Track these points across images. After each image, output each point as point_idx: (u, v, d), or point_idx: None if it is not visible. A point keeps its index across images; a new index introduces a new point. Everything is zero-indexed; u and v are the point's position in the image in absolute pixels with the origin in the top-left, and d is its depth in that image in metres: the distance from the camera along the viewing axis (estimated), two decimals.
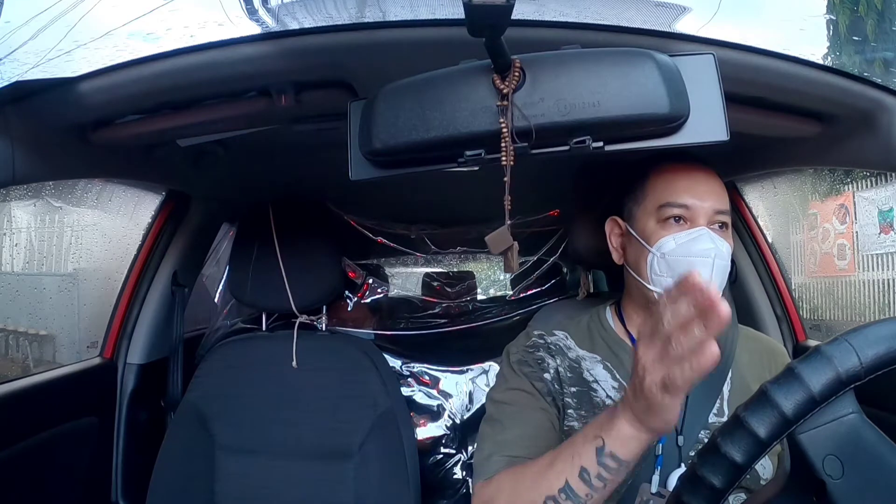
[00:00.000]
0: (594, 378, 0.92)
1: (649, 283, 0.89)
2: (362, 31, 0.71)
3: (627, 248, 0.95)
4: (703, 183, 0.89)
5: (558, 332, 0.99)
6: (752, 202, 1.46)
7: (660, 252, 0.87)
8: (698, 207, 0.87)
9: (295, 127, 0.94)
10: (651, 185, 0.91)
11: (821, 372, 0.49)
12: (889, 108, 0.81)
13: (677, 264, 0.85)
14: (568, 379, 0.93)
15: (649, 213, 0.90)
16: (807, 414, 0.49)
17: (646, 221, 0.90)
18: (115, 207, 1.56)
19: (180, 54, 0.73)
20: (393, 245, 1.82)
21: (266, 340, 1.41)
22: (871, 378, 0.49)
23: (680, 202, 0.87)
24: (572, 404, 0.90)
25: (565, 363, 0.94)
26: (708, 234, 0.85)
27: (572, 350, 0.96)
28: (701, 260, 0.84)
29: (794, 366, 0.50)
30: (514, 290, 2.12)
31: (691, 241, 0.85)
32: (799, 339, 1.44)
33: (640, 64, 0.59)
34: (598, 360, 0.94)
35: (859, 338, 0.50)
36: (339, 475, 1.26)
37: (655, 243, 0.88)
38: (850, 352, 0.49)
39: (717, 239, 0.85)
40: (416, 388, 1.70)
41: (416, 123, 0.61)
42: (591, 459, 0.68)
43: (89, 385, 1.35)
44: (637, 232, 0.91)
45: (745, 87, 0.78)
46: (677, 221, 0.87)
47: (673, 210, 0.87)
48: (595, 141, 0.61)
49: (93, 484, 1.33)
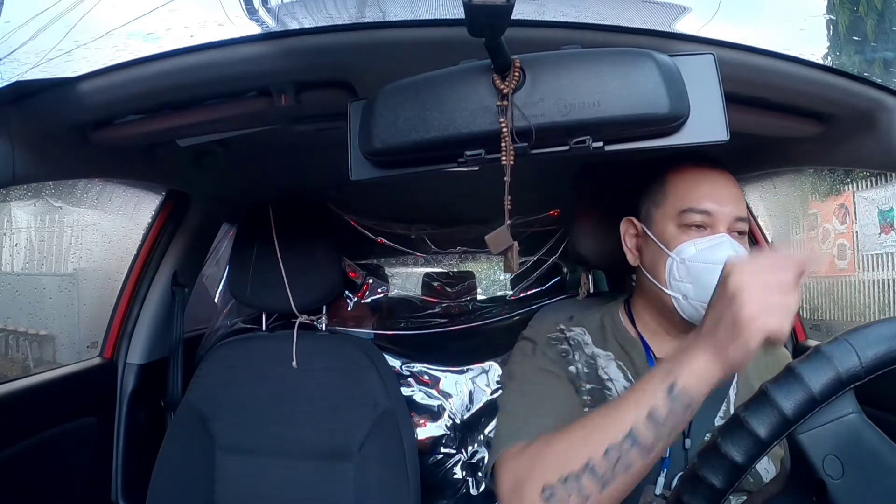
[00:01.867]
0: (608, 376, 0.91)
1: (667, 287, 0.88)
2: (362, 31, 0.71)
3: (644, 250, 0.94)
4: (724, 188, 0.88)
5: (576, 328, 0.98)
6: (753, 202, 1.46)
7: (679, 257, 0.86)
8: (719, 213, 0.86)
9: (295, 127, 0.94)
10: (671, 188, 0.90)
11: (821, 372, 0.49)
12: (889, 108, 0.81)
13: (697, 270, 0.84)
14: (585, 375, 0.92)
15: (669, 217, 0.89)
16: (807, 414, 0.49)
17: (665, 225, 0.89)
18: (114, 207, 1.56)
19: (180, 54, 0.73)
20: (393, 245, 1.82)
21: (266, 340, 1.41)
22: (870, 378, 0.49)
23: (702, 208, 0.86)
24: (588, 402, 0.89)
25: (583, 359, 0.93)
26: (729, 241, 0.84)
27: (588, 346, 0.95)
28: (720, 268, 0.83)
29: (794, 366, 0.50)
30: (514, 290, 2.12)
31: (712, 247, 0.84)
32: (799, 339, 1.44)
33: (640, 64, 0.59)
34: (611, 359, 0.93)
35: (859, 338, 0.50)
36: (339, 475, 1.25)
37: (675, 248, 0.86)
38: (850, 352, 0.49)
39: (738, 246, 0.84)
40: (416, 387, 1.70)
41: (416, 123, 0.61)
42: (662, 398, 0.65)
43: (89, 385, 1.35)
44: (656, 235, 0.90)
45: (745, 87, 0.78)
46: (698, 228, 0.86)
47: (695, 217, 0.86)
48: (595, 141, 0.61)
49: (93, 484, 1.33)
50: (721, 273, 0.65)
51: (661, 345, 0.93)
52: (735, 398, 0.90)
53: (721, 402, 0.89)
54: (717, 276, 0.77)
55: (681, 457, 0.85)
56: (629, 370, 0.92)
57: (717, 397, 0.88)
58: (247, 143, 1.06)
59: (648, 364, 0.91)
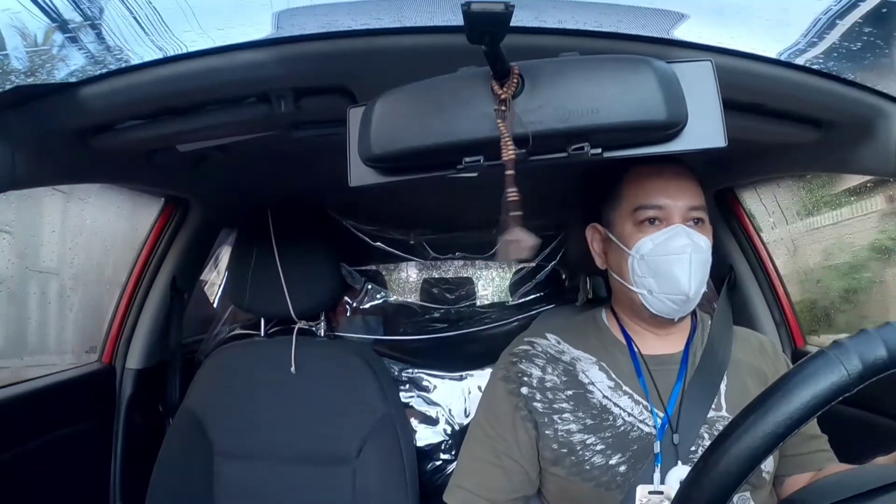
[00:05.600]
0: (590, 380, 0.93)
1: (632, 286, 0.91)
2: (362, 38, 0.71)
3: (609, 254, 0.97)
4: (675, 182, 0.91)
5: (550, 337, 1.00)
6: (755, 204, 1.46)
7: (639, 254, 0.89)
8: (672, 207, 0.89)
9: (294, 133, 0.94)
10: (625, 189, 0.93)
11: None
12: (887, 113, 0.82)
13: (656, 264, 0.88)
14: (563, 384, 0.94)
15: (625, 217, 0.92)
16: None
17: (623, 225, 0.92)
18: (114, 212, 1.56)
19: (180, 60, 0.73)
20: (392, 250, 1.82)
21: (265, 346, 1.41)
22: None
23: (653, 203, 0.90)
24: (569, 408, 0.91)
25: (558, 369, 0.95)
26: (683, 230, 0.88)
27: (566, 353, 0.97)
28: (677, 257, 0.87)
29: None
30: (513, 296, 2.12)
31: (667, 239, 0.88)
32: (798, 345, 1.44)
33: (638, 71, 0.59)
34: (593, 362, 0.95)
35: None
36: (337, 481, 1.25)
37: (634, 245, 0.90)
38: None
39: (693, 234, 0.88)
40: (414, 393, 1.69)
41: (416, 130, 0.61)
42: None
43: (88, 390, 1.35)
44: (616, 236, 0.94)
45: (742, 93, 0.78)
46: (653, 223, 0.90)
47: (648, 212, 0.90)
48: (593, 147, 0.61)
49: (91, 488, 1.32)
50: None
51: (644, 342, 0.96)
52: (725, 390, 0.92)
53: (713, 395, 0.91)
54: (676, 267, 0.84)
55: (671, 452, 0.86)
56: (613, 370, 0.94)
57: (709, 391, 0.91)
58: (246, 148, 1.06)
59: (633, 362, 0.94)
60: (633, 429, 0.89)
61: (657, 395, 0.91)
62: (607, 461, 0.87)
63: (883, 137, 0.83)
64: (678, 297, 0.87)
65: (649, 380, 0.92)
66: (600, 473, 0.87)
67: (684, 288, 0.86)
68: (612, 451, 0.88)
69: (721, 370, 0.93)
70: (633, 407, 0.90)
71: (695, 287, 0.86)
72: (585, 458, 0.88)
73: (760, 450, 0.47)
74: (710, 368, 0.93)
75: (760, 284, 1.45)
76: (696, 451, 0.87)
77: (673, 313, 0.90)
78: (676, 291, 0.87)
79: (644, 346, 0.96)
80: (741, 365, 0.95)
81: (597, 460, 0.87)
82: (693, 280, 0.86)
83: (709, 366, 0.93)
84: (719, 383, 0.92)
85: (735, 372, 0.94)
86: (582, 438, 0.89)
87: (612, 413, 0.90)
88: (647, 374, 0.93)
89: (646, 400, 0.90)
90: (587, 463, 0.87)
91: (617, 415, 0.90)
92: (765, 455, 0.47)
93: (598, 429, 0.89)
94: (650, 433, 0.88)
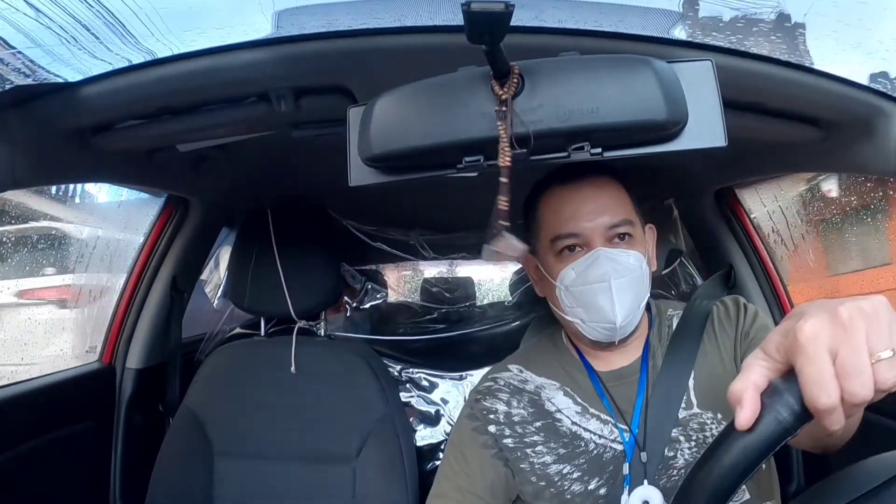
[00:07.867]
0: (556, 407, 0.91)
1: (566, 315, 0.89)
2: (362, 38, 0.71)
3: (542, 282, 0.94)
4: (593, 201, 0.86)
5: (512, 367, 0.98)
6: (756, 205, 1.46)
7: (563, 284, 0.86)
8: (590, 230, 0.85)
9: (294, 132, 0.94)
10: (542, 217, 0.90)
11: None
12: (887, 113, 0.81)
13: (581, 293, 0.85)
14: (530, 415, 0.92)
15: (546, 247, 0.89)
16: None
17: (545, 255, 0.89)
18: (114, 211, 1.56)
19: (180, 59, 0.73)
20: (392, 250, 1.82)
21: (265, 346, 1.41)
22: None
23: (569, 231, 0.86)
24: (540, 440, 0.90)
25: (524, 400, 0.93)
26: (604, 255, 0.83)
27: (529, 382, 0.95)
28: (599, 285, 0.83)
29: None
30: (512, 296, 2.12)
31: (587, 268, 0.84)
32: None
33: (638, 70, 0.59)
34: (557, 387, 0.93)
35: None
36: (337, 480, 1.25)
37: (558, 276, 0.87)
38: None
39: (617, 255, 0.84)
40: (414, 393, 1.69)
41: (415, 129, 0.61)
42: None
43: (88, 389, 1.35)
44: (543, 266, 0.91)
45: (743, 92, 0.78)
46: (572, 250, 0.86)
47: (565, 241, 0.86)
48: (593, 147, 0.61)
49: (91, 489, 1.32)
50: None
51: (599, 359, 0.94)
52: (694, 385, 0.88)
53: (679, 400, 0.87)
54: (599, 296, 0.81)
55: (640, 471, 0.84)
56: (577, 394, 0.91)
57: (676, 394, 0.87)
58: (246, 148, 1.06)
59: (592, 383, 0.91)
60: (605, 450, 0.87)
61: (619, 413, 0.88)
62: (586, 487, 0.86)
63: (883, 137, 0.83)
64: (607, 325, 0.84)
65: (610, 397, 0.90)
66: (582, 500, 0.85)
67: (610, 317, 0.83)
68: (588, 476, 0.86)
69: (687, 368, 0.89)
70: (602, 428, 0.88)
71: (622, 314, 0.83)
72: (565, 488, 0.86)
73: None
74: (673, 370, 0.89)
75: (761, 285, 1.45)
76: (674, 458, 0.84)
77: (610, 339, 0.87)
78: (604, 320, 0.84)
79: (599, 362, 0.93)
80: (709, 350, 0.91)
81: (576, 488, 0.86)
82: (619, 308, 0.82)
83: (671, 368, 0.89)
84: (686, 382, 0.88)
85: (703, 359, 0.90)
86: (558, 469, 0.87)
87: (582, 438, 0.88)
88: (607, 392, 0.90)
89: (612, 419, 0.88)
90: (567, 493, 0.86)
91: (588, 439, 0.88)
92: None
93: (571, 457, 0.87)
94: (623, 451, 0.86)
